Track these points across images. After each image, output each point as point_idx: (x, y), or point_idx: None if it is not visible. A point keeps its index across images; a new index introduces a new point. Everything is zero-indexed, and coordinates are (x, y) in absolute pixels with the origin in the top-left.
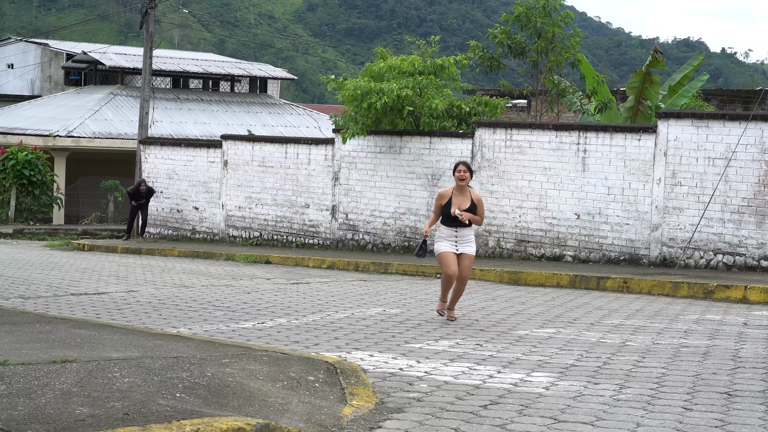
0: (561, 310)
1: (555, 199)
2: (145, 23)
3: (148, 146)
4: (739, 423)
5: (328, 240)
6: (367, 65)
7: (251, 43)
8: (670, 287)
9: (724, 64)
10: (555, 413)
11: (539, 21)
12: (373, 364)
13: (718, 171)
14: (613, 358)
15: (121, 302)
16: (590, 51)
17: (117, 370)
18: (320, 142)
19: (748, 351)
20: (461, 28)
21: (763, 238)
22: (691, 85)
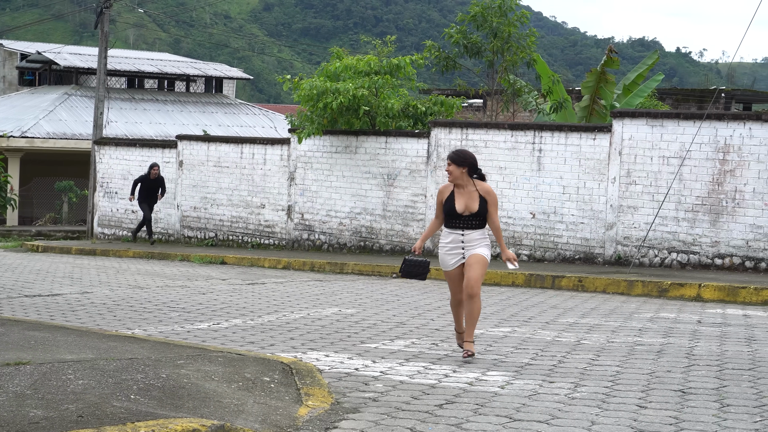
0: (516, 309)
1: (510, 199)
2: (99, 23)
3: (102, 147)
4: (693, 420)
5: (284, 240)
6: (323, 65)
7: (207, 42)
8: (624, 286)
9: (679, 63)
10: (510, 412)
11: (495, 21)
12: (328, 364)
13: (672, 170)
14: (568, 356)
15: (76, 304)
16: (546, 50)
17: (71, 372)
18: (276, 142)
19: (702, 349)
20: (417, 27)
21: (717, 237)
22: (646, 85)
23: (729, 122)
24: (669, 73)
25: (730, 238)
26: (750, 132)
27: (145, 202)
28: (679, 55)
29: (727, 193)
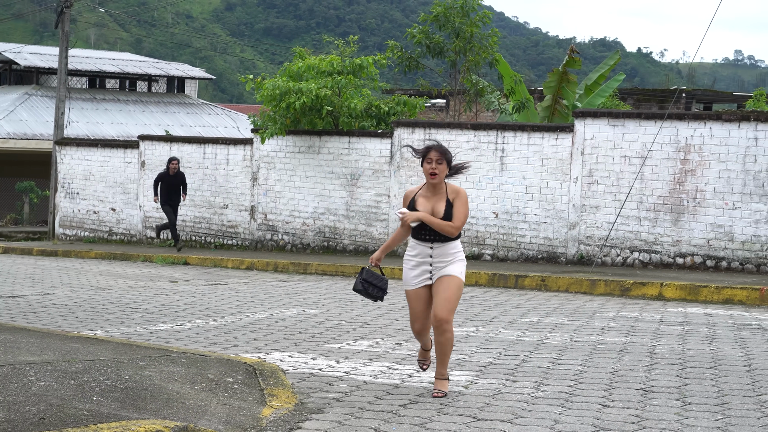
0: (479, 309)
1: (473, 198)
2: (60, 22)
3: (64, 147)
4: (655, 419)
5: (247, 240)
6: (286, 65)
7: (169, 42)
8: (587, 285)
9: (640, 63)
10: (474, 411)
11: (457, 21)
12: (292, 364)
13: (634, 169)
14: (531, 355)
15: (37, 305)
16: (508, 51)
17: (33, 374)
18: (239, 142)
19: (664, 347)
20: (380, 27)
21: (678, 236)
22: (608, 85)
23: (690, 122)
24: (630, 73)
25: (692, 238)
26: (710, 132)
27: (167, 203)
28: (640, 56)
29: (688, 192)
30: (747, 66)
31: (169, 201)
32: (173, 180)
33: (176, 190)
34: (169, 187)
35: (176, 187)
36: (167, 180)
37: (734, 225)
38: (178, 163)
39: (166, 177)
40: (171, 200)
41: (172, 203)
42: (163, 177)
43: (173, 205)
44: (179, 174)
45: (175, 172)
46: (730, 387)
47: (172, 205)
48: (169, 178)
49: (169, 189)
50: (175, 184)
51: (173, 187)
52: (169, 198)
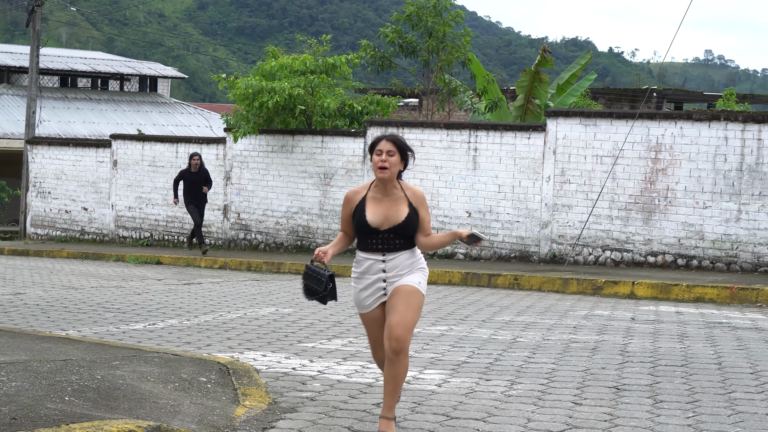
0: (453, 308)
1: (446, 198)
2: (31, 21)
3: (35, 146)
4: (627, 416)
5: (220, 240)
6: (259, 64)
7: (141, 41)
8: (559, 284)
9: (612, 63)
10: (447, 410)
11: (430, 20)
12: (266, 364)
13: (606, 169)
14: (504, 354)
15: (8, 305)
16: (480, 50)
17: (4, 374)
18: (212, 141)
19: (636, 345)
20: (353, 27)
21: (650, 235)
22: (580, 84)
23: (661, 121)
24: (602, 73)
25: (663, 236)
26: (681, 131)
27: (191, 203)
28: (611, 55)
29: (659, 191)
30: (717, 66)
31: (194, 200)
32: (196, 177)
33: (200, 189)
34: (192, 185)
35: (200, 185)
36: (189, 178)
37: (705, 224)
38: (200, 159)
39: (188, 174)
40: (195, 200)
41: (196, 202)
42: (185, 175)
43: (198, 204)
44: (202, 170)
45: (198, 168)
46: (701, 385)
47: (197, 205)
48: (191, 175)
49: (192, 187)
50: (198, 182)
51: (196, 185)
52: (193, 197)
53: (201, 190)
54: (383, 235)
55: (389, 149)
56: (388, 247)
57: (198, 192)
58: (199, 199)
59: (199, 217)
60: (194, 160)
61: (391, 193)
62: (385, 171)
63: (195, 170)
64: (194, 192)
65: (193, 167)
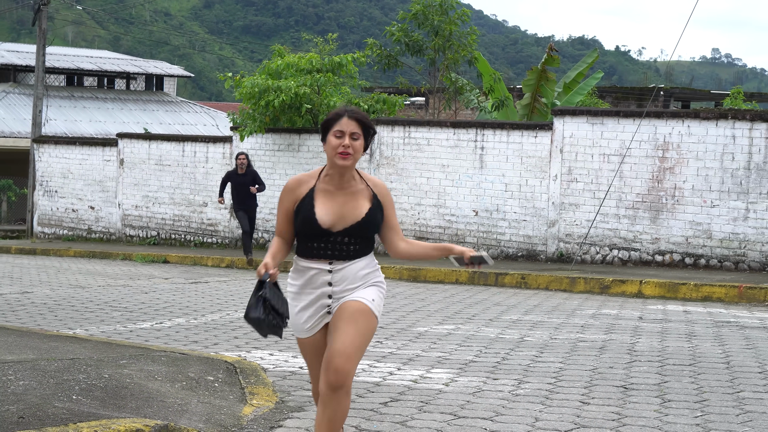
0: (460, 307)
1: (453, 196)
2: (37, 20)
3: (42, 145)
4: (635, 416)
5: (227, 239)
6: (265, 63)
7: (147, 40)
8: (567, 283)
9: (619, 61)
10: (455, 409)
11: (436, 19)
12: (273, 363)
13: (613, 167)
14: (511, 353)
15: (16, 304)
16: (487, 49)
17: (12, 373)
18: (218, 140)
19: (644, 345)
20: (359, 25)
21: (657, 233)
22: (586, 83)
23: (668, 120)
24: (608, 72)
25: (670, 235)
26: (689, 130)
27: (240, 208)
28: (618, 54)
29: (666, 190)
30: (724, 64)
31: (243, 204)
32: (243, 179)
33: (246, 190)
34: (240, 187)
35: (248, 188)
36: (237, 179)
37: (712, 223)
38: (246, 158)
39: (234, 176)
40: (244, 203)
41: (246, 207)
42: (232, 176)
43: (248, 209)
44: (250, 171)
45: (245, 168)
46: (709, 384)
47: (246, 210)
48: (238, 177)
49: (240, 190)
50: (246, 184)
51: (245, 188)
52: (241, 202)
53: (248, 192)
54: (335, 237)
55: (353, 131)
56: (339, 254)
57: (246, 195)
58: (248, 203)
59: (248, 223)
60: (240, 159)
61: (347, 185)
62: (348, 158)
63: (242, 171)
64: (242, 195)
65: (240, 168)
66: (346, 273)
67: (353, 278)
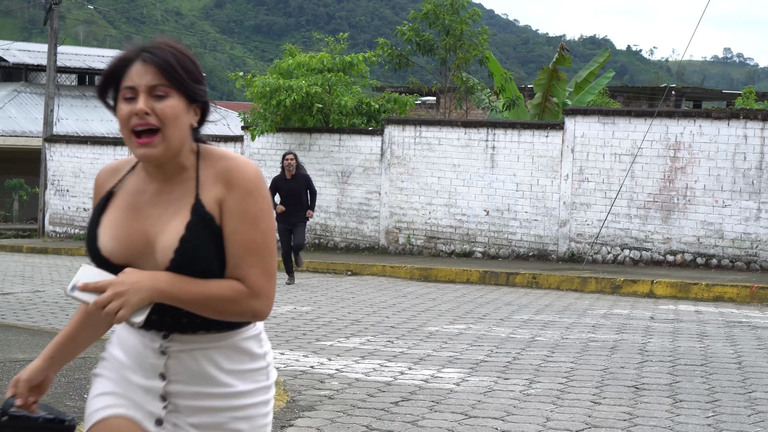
0: (471, 306)
1: (464, 196)
2: (49, 19)
3: (53, 144)
4: (646, 416)
5: None
6: (276, 62)
7: None
8: (578, 282)
9: (630, 61)
10: (466, 409)
11: (447, 18)
12: (284, 362)
13: (624, 167)
14: (522, 353)
15: (27, 302)
16: (498, 48)
17: None
18: (229, 139)
19: (655, 344)
20: (370, 25)
21: (669, 233)
22: (598, 82)
23: (679, 120)
24: (620, 71)
25: (682, 235)
26: (700, 129)
27: (283, 220)
28: (629, 53)
29: (678, 190)
30: (736, 64)
31: (286, 217)
32: (293, 185)
33: (297, 201)
34: (289, 197)
35: (298, 197)
36: (285, 187)
37: (724, 222)
38: (295, 159)
39: (282, 183)
40: (292, 217)
41: (289, 220)
42: (279, 183)
43: (293, 222)
44: (301, 176)
45: (294, 173)
46: (721, 384)
47: (291, 226)
48: (286, 183)
49: (289, 200)
50: (296, 192)
51: (294, 198)
52: (288, 215)
53: (300, 202)
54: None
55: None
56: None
57: (295, 206)
58: (294, 216)
59: (289, 241)
60: (288, 160)
61: (175, 181)
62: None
63: (290, 175)
64: (290, 206)
65: (288, 171)
66: (189, 364)
67: (203, 379)
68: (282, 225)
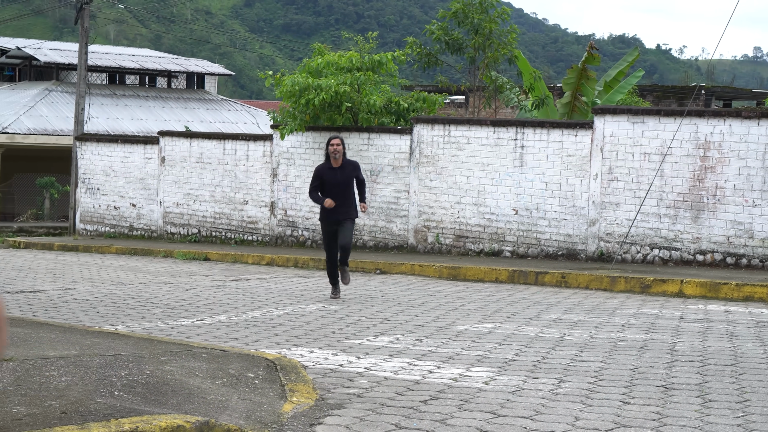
0: (500, 305)
1: (493, 195)
2: (80, 18)
3: (84, 142)
4: (676, 416)
5: (267, 236)
6: (305, 61)
7: (188, 38)
8: (607, 282)
9: (660, 60)
10: (494, 408)
11: (476, 17)
12: (313, 360)
13: (653, 166)
14: (551, 352)
15: (58, 300)
16: (527, 47)
17: (54, 369)
18: (258, 138)
19: (685, 344)
20: (399, 24)
21: (698, 233)
22: (627, 81)
23: (709, 119)
24: (649, 70)
25: (712, 235)
26: (730, 129)
27: (327, 217)
28: (659, 52)
29: (707, 189)
30: (766, 63)
31: (332, 215)
32: (340, 175)
33: (345, 194)
34: (334, 188)
35: (345, 188)
36: (330, 177)
37: (754, 222)
38: (342, 144)
39: (327, 172)
40: (338, 213)
41: (335, 217)
42: (323, 172)
43: (340, 219)
44: (349, 164)
45: (341, 160)
46: (751, 384)
47: (339, 221)
48: (331, 173)
49: (334, 192)
50: (344, 182)
51: (342, 189)
52: (333, 211)
53: (347, 195)
54: None
55: None
56: None
57: (343, 200)
58: (343, 212)
59: (335, 244)
60: (334, 145)
61: None
62: None
63: (337, 164)
64: (337, 199)
65: (334, 159)
66: None
67: None
68: (326, 225)
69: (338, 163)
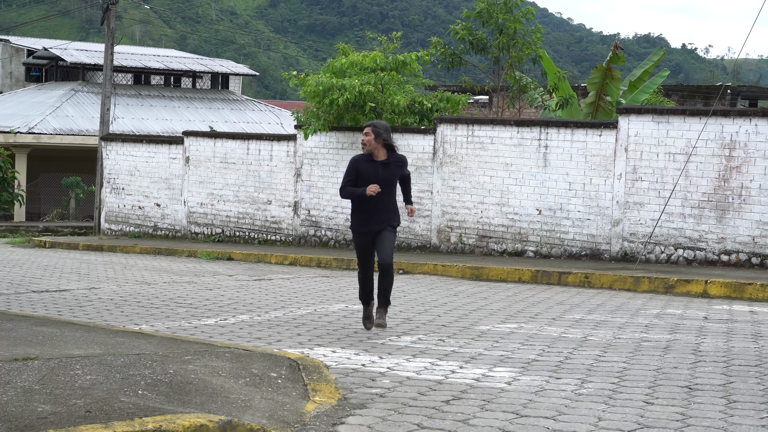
0: (523, 306)
1: (516, 195)
2: (106, 19)
3: (109, 143)
4: (700, 416)
5: (291, 236)
6: (329, 61)
7: (213, 39)
8: (631, 282)
9: (685, 59)
10: (517, 408)
11: (501, 17)
12: (335, 360)
13: (678, 166)
14: (574, 352)
15: (83, 299)
16: (551, 47)
17: (79, 368)
18: (282, 138)
19: (709, 345)
20: (423, 24)
21: (723, 233)
22: (652, 81)
23: (735, 119)
24: (674, 70)
25: (737, 235)
26: (756, 128)
27: (360, 226)
28: (684, 52)
29: (733, 189)
30: None
31: (368, 222)
32: (381, 171)
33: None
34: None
35: (386, 188)
36: (370, 173)
37: None
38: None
39: (364, 164)
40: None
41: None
42: (360, 164)
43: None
44: (394, 159)
45: (377, 155)
46: None
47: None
48: (371, 167)
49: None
50: (385, 180)
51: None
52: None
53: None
54: None
55: None
56: None
57: (384, 203)
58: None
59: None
60: (366, 136)
61: None
62: None
63: (379, 157)
64: (375, 203)
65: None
66: None
67: None
68: (360, 237)
69: (378, 157)
